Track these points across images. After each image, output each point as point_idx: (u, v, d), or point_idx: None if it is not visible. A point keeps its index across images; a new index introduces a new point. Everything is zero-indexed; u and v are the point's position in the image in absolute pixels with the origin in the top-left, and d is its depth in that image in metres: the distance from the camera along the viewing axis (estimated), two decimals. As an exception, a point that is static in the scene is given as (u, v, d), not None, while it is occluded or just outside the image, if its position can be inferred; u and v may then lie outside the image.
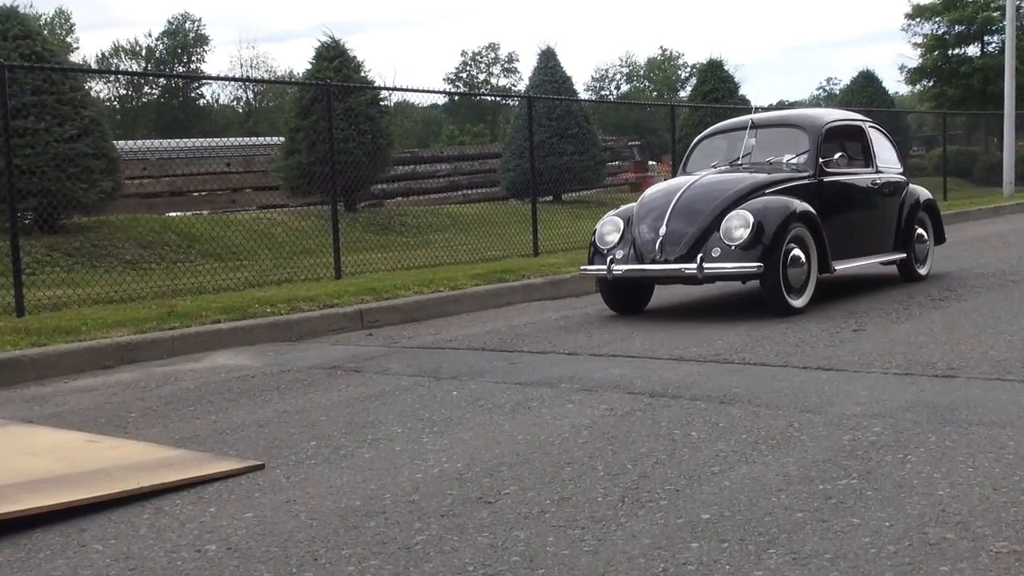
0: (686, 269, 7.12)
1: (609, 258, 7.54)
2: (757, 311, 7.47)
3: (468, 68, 77.05)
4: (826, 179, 8.03)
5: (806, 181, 7.87)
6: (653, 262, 7.33)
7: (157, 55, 68.88)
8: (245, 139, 23.93)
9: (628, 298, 7.89)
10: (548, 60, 18.82)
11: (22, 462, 3.85)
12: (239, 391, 5.47)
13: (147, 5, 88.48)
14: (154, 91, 68.11)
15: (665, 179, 10.92)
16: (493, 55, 77.00)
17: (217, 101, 69.69)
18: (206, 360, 6.75)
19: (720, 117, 21.22)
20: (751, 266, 7.00)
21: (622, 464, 3.58)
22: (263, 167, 19.54)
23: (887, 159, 9.10)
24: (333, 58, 15.07)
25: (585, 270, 7.90)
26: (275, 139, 18.20)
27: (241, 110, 67.20)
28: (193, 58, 70.55)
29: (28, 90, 10.85)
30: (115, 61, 67.50)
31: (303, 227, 13.25)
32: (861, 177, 8.58)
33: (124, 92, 67.63)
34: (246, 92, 66.01)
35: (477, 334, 7.17)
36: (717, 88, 21.23)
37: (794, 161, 8.08)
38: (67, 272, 10.33)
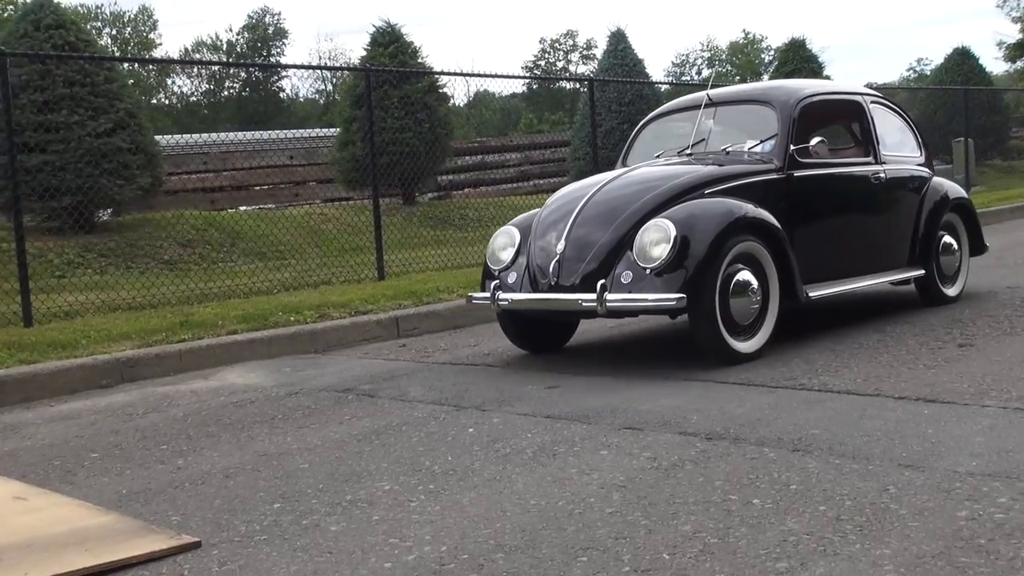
0: (583, 301, 5.19)
1: (494, 283, 5.71)
2: (842, 316, 6.46)
3: (546, 55, 75.99)
4: (798, 173, 5.91)
5: (769, 176, 5.81)
6: (548, 289, 5.45)
7: (238, 49, 69.29)
8: (306, 131, 23.40)
9: (538, 331, 6.07)
10: (618, 43, 17.77)
11: (-89, 533, 3.11)
12: (228, 422, 4.70)
13: (230, 1, 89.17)
14: (235, 84, 68.55)
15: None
16: (571, 42, 75.80)
17: (297, 94, 69.88)
18: (215, 377, 6.02)
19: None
20: (668, 298, 5.00)
21: (656, 551, 2.68)
22: (326, 159, 18.95)
23: (899, 145, 6.96)
24: (388, 44, 14.31)
25: (472, 299, 5.99)
26: (334, 130, 17.54)
27: (322, 102, 67.23)
28: (273, 51, 70.84)
29: (61, 82, 10.29)
30: (198, 56, 67.99)
31: (356, 222, 12.49)
32: (854, 170, 6.48)
33: (207, 87, 68.21)
34: (326, 84, 65.97)
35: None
36: (800, 69, 19.93)
37: (757, 149, 6.06)
38: (99, 274, 9.75)
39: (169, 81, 65.64)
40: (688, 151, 6.31)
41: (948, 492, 2.99)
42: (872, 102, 6.86)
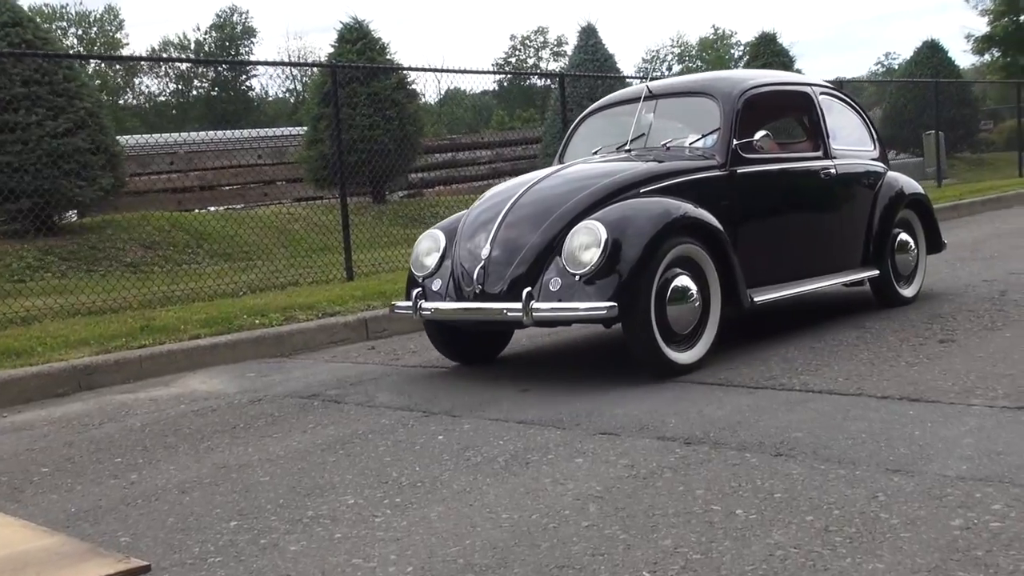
0: (508, 310, 4.78)
1: (416, 291, 5.28)
2: (819, 312, 6.33)
3: (517, 52, 75.76)
4: (742, 169, 5.54)
5: (711, 173, 5.44)
6: (473, 297, 5.03)
7: (206, 48, 68.57)
8: (275, 129, 23.10)
9: (467, 341, 5.64)
10: (589, 38, 17.63)
11: None
12: (187, 432, 4.50)
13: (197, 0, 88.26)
14: (204, 84, 67.82)
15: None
16: (542, 38, 75.63)
17: (267, 93, 69.25)
18: (176, 384, 5.81)
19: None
20: (599, 306, 4.63)
21: (635, 569, 2.52)
22: (294, 158, 18.68)
23: (851, 139, 6.61)
24: (356, 40, 14.09)
25: (395, 308, 5.53)
26: (302, 129, 17.28)
27: (292, 101, 66.64)
28: (241, 50, 70.18)
29: (18, 81, 10.00)
30: (164, 56, 67.22)
31: (325, 222, 12.27)
32: (802, 165, 6.10)
33: (175, 86, 67.46)
34: (295, 83, 65.38)
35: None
36: (770, 64, 19.84)
37: (699, 144, 5.66)
38: (59, 278, 9.49)
39: (136, 81, 64.96)
40: (627, 147, 5.88)
41: (940, 499, 2.84)
42: (822, 94, 6.49)
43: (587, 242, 4.76)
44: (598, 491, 3.16)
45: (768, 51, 20.76)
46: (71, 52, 38.99)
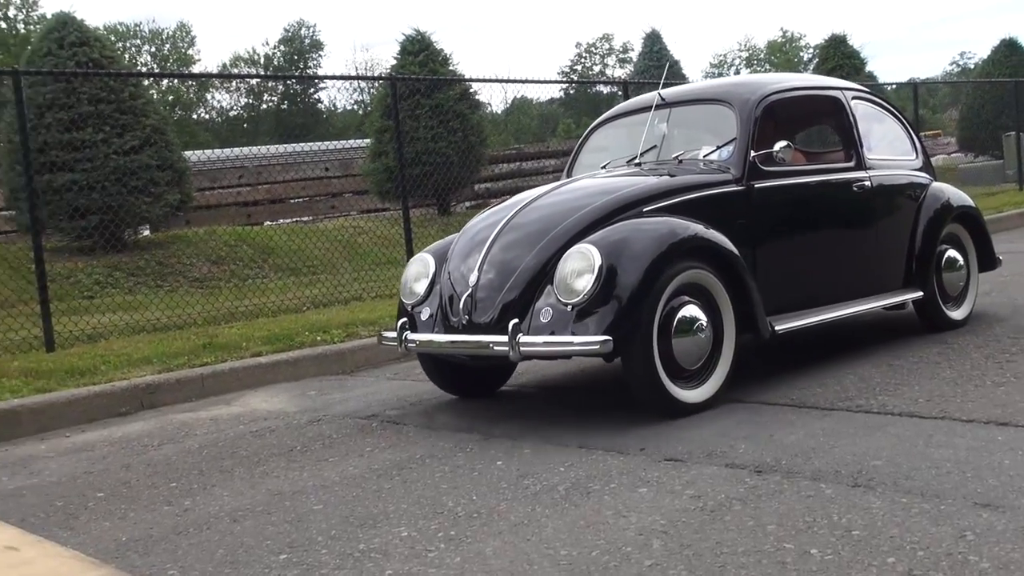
0: (494, 344, 4.37)
1: (401, 321, 4.88)
2: (898, 326, 6.07)
3: (583, 60, 75.62)
4: (761, 184, 5.04)
5: (725, 189, 4.94)
6: (460, 328, 4.60)
7: (275, 62, 69.60)
8: (341, 142, 23.23)
9: (464, 374, 5.19)
10: (653, 44, 17.46)
11: None
12: (244, 455, 4.43)
13: (267, 14, 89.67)
14: (274, 98, 68.81)
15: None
16: (608, 45, 75.38)
17: (335, 105, 69.99)
18: (237, 403, 5.77)
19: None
20: (591, 341, 4.16)
21: (703, 616, 2.35)
22: (360, 171, 18.74)
23: (890, 148, 6.06)
24: (418, 52, 14.07)
25: (383, 338, 5.12)
26: (367, 141, 17.33)
27: (360, 113, 67.24)
28: (309, 63, 71.10)
29: (86, 99, 10.15)
30: (235, 71, 68.35)
31: (389, 235, 12.24)
32: (831, 177, 5.53)
33: (247, 100, 68.56)
34: (363, 94, 66.01)
35: (562, 361, 5.96)
36: (841, 66, 19.42)
37: (713, 157, 5.16)
38: (128, 294, 9.58)
39: (209, 96, 66.14)
40: (637, 160, 5.40)
41: (1035, 538, 2.63)
42: (855, 98, 5.92)
43: (580, 268, 4.30)
44: (662, 525, 3.00)
45: (838, 53, 20.30)
46: (139, 70, 39.76)
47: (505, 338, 4.28)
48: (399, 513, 3.36)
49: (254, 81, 64.93)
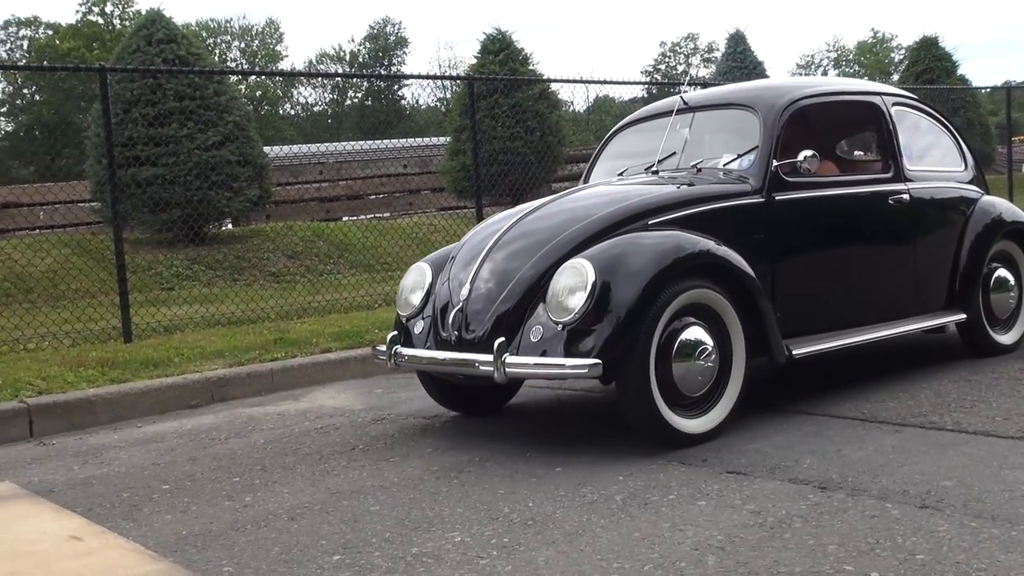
0: (481, 363, 4.08)
1: (392, 334, 4.66)
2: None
3: (666, 59, 75.07)
4: (783, 196, 4.71)
5: (742, 200, 4.61)
6: (450, 344, 4.34)
7: (360, 59, 70.44)
8: (420, 139, 23.39)
9: (463, 390, 4.89)
10: (737, 45, 17.21)
11: (-47, 579, 2.95)
12: (307, 452, 4.47)
13: (354, 11, 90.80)
14: (358, 94, 69.67)
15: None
16: (692, 45, 74.70)
17: (417, 102, 70.56)
18: (305, 399, 5.83)
19: (935, 99, 18.99)
20: (580, 364, 3.87)
21: (754, 638, 2.29)
22: (439, 168, 18.88)
23: (934, 159, 5.70)
24: (498, 51, 14.10)
25: (376, 351, 4.85)
26: (446, 139, 17.43)
27: (443, 110, 67.66)
28: (394, 60, 71.80)
29: (171, 95, 10.37)
30: (321, 67, 69.40)
31: (464, 233, 12.31)
32: (864, 190, 5.15)
33: (331, 97, 69.52)
34: (445, 92, 66.43)
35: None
36: (931, 68, 18.98)
37: (733, 165, 4.83)
38: (206, 287, 9.77)
39: (294, 92, 67.22)
40: (654, 168, 5.10)
41: (1111, 571, 2.51)
42: (895, 104, 5.51)
43: (572, 285, 4.02)
44: (719, 541, 2.93)
45: (929, 55, 19.81)
46: (223, 67, 40.57)
47: (490, 357, 4.02)
48: (454, 517, 3.35)
49: (338, 79, 65.77)
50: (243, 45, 68.50)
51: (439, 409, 5.18)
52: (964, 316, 5.38)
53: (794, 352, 4.47)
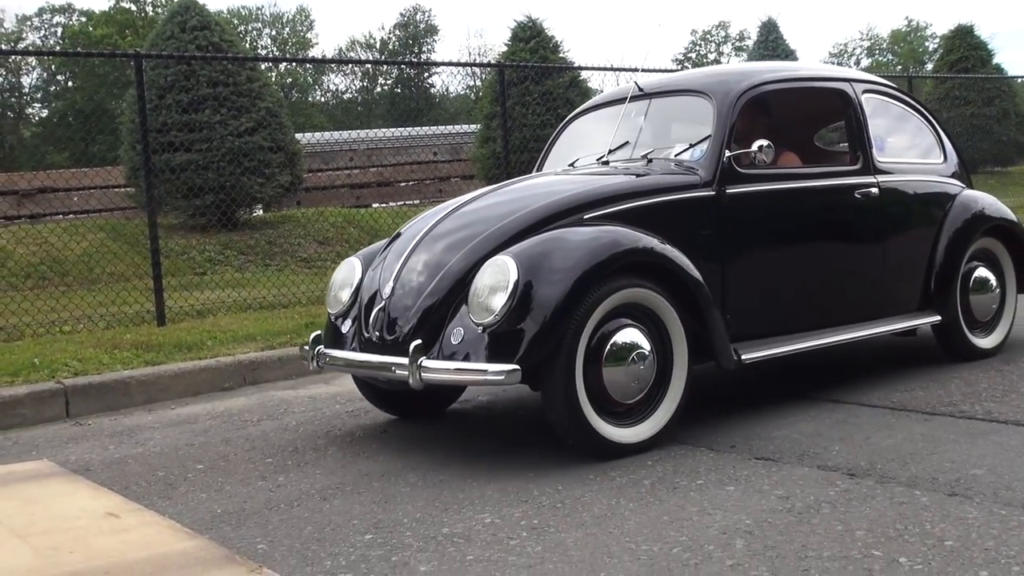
0: (397, 366, 3.82)
1: (315, 334, 4.39)
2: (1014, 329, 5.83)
3: (697, 47, 74.66)
4: (735, 189, 4.37)
5: (690, 194, 4.29)
6: (371, 345, 4.09)
7: (390, 47, 70.56)
8: (450, 127, 23.41)
9: (399, 393, 4.49)
10: (769, 33, 17.10)
11: (-5, 552, 3.02)
12: (338, 434, 4.52)
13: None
14: (388, 82, 69.81)
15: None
16: (723, 33, 74.24)
17: (447, 90, 70.61)
18: (336, 382, 5.88)
19: (969, 89, 18.77)
20: (497, 370, 3.60)
21: (781, 620, 2.32)
22: (468, 156, 18.90)
23: (910, 150, 5.38)
24: (529, 39, 14.07)
25: (303, 351, 4.54)
26: (476, 126, 17.44)
27: (473, 98, 67.67)
28: (424, 48, 71.86)
29: (204, 82, 10.45)
30: (351, 55, 69.58)
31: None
32: (827, 183, 4.82)
33: (361, 84, 69.73)
34: (475, 80, 66.39)
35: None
36: (967, 57, 18.75)
37: (685, 156, 4.50)
38: (238, 272, 9.86)
39: (324, 79, 67.46)
40: (605, 158, 4.78)
41: None
42: (867, 91, 5.14)
43: (494, 284, 3.73)
44: (747, 525, 2.95)
45: (964, 44, 19.56)
46: (256, 54, 40.79)
47: (406, 360, 3.74)
48: (484, 499, 3.38)
49: (368, 66, 65.90)
50: (274, 33, 68.82)
51: (470, 393, 5.22)
52: (939, 318, 5.06)
53: (744, 357, 4.17)
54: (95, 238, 9.63)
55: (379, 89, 69.95)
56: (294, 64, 62.27)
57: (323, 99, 66.83)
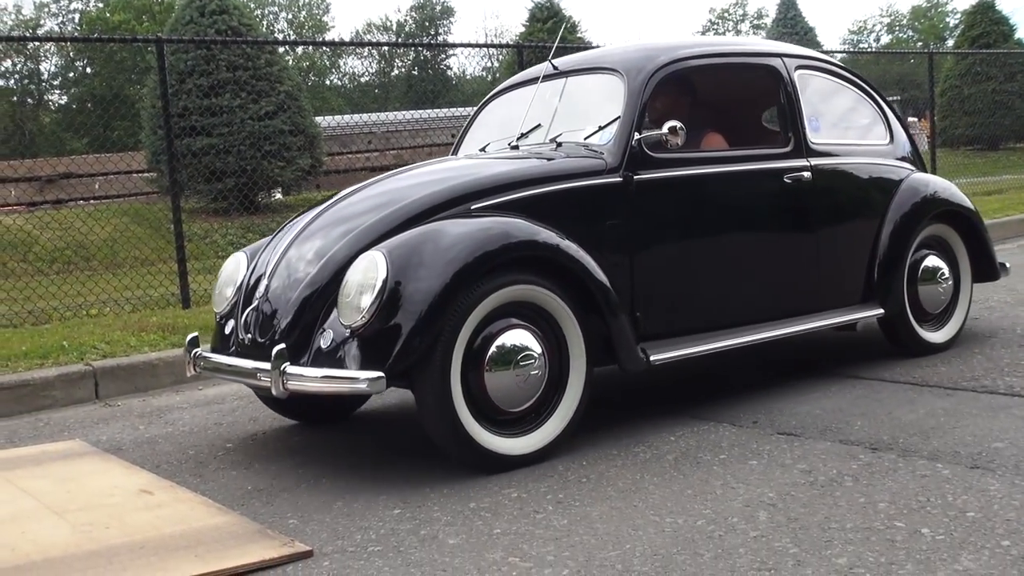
0: (261, 372, 3.51)
1: (192, 336, 4.07)
2: (1034, 308, 5.84)
3: (715, 26, 74.20)
4: (645, 175, 4.01)
5: (592, 181, 3.92)
6: (243, 348, 3.79)
7: (407, 29, 70.48)
8: (468, 109, 23.42)
9: (299, 402, 4.13)
10: (788, 10, 17.03)
11: (34, 530, 3.09)
12: (363, 411, 4.58)
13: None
14: (404, 64, 69.77)
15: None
16: (741, 11, 73.76)
17: (464, 72, 70.49)
18: (360, 363, 5.93)
19: (990, 65, 18.62)
20: (359, 378, 3.28)
21: (805, 589, 2.36)
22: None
23: (850, 131, 5.01)
24: (546, 19, 14.09)
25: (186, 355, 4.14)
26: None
27: (489, 79, 67.49)
28: (440, 30, 71.74)
29: (224, 66, 10.52)
30: (368, 37, 69.55)
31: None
32: (750, 167, 4.42)
33: (378, 66, 69.71)
34: (492, 61, 66.23)
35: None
36: (988, 32, 18.61)
37: (594, 140, 4.12)
38: (260, 255, 9.94)
39: (341, 62, 67.48)
40: (515, 142, 4.40)
41: None
42: (800, 67, 4.73)
43: (362, 282, 3.41)
44: (771, 498, 2.99)
45: (985, 19, 19.42)
46: (275, 38, 40.90)
47: (269, 365, 3.42)
48: (510, 474, 3.43)
49: (384, 48, 65.86)
50: (290, 16, 68.84)
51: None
52: (881, 311, 4.70)
53: (653, 358, 3.84)
54: (118, 223, 9.73)
55: (396, 72, 70.00)
56: (311, 47, 62.30)
57: (340, 82, 66.88)
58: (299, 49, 55.74)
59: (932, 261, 4.95)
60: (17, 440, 4.54)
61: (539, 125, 4.42)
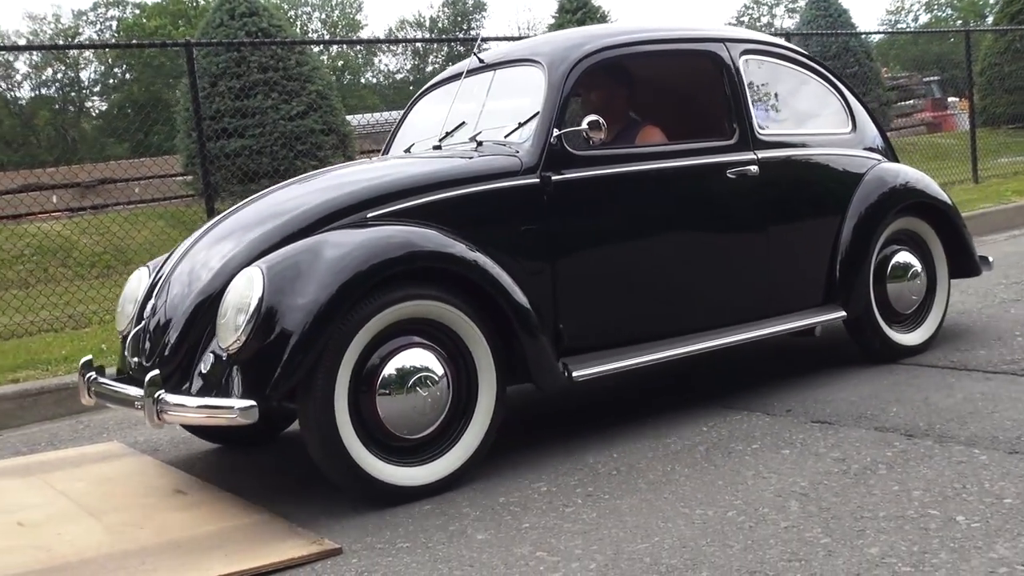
0: (139, 400, 3.21)
1: (85, 359, 3.75)
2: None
3: (749, 11, 73.57)
4: (565, 175, 3.66)
5: (504, 183, 3.60)
6: (129, 372, 3.59)
7: (439, 25, 70.64)
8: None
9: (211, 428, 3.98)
10: (822, -7, 16.79)
11: (70, 531, 3.13)
12: (396, 410, 4.59)
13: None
14: (438, 60, 69.97)
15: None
16: (775, -4, 72.98)
17: (496, 66, 70.30)
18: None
19: (1032, 42, 18.22)
20: (228, 407, 3.04)
21: (836, 579, 2.32)
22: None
23: (806, 121, 4.63)
24: (576, 10, 14.02)
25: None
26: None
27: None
28: (473, 24, 71.80)
29: (255, 68, 10.59)
30: (401, 34, 69.79)
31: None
32: (687, 163, 4.02)
33: (413, 63, 69.94)
34: (524, 55, 65.93)
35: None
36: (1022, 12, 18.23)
37: (515, 137, 3.77)
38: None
39: (375, 60, 67.77)
40: (437, 142, 4.10)
41: None
42: (745, 52, 4.33)
43: (239, 302, 3.14)
44: (802, 487, 2.96)
45: (1025, -5, 19.02)
46: (304, 38, 41.11)
47: (154, 391, 3.15)
48: (540, 467, 3.42)
49: (418, 44, 66.06)
50: (323, 16, 69.23)
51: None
52: (843, 313, 4.34)
53: (576, 375, 3.55)
54: (156, 227, 9.83)
55: (430, 68, 70.17)
56: (344, 46, 62.61)
57: (375, 80, 67.16)
58: (333, 48, 56.06)
59: (903, 257, 4.59)
60: (58, 443, 4.61)
61: (464, 123, 4.10)
